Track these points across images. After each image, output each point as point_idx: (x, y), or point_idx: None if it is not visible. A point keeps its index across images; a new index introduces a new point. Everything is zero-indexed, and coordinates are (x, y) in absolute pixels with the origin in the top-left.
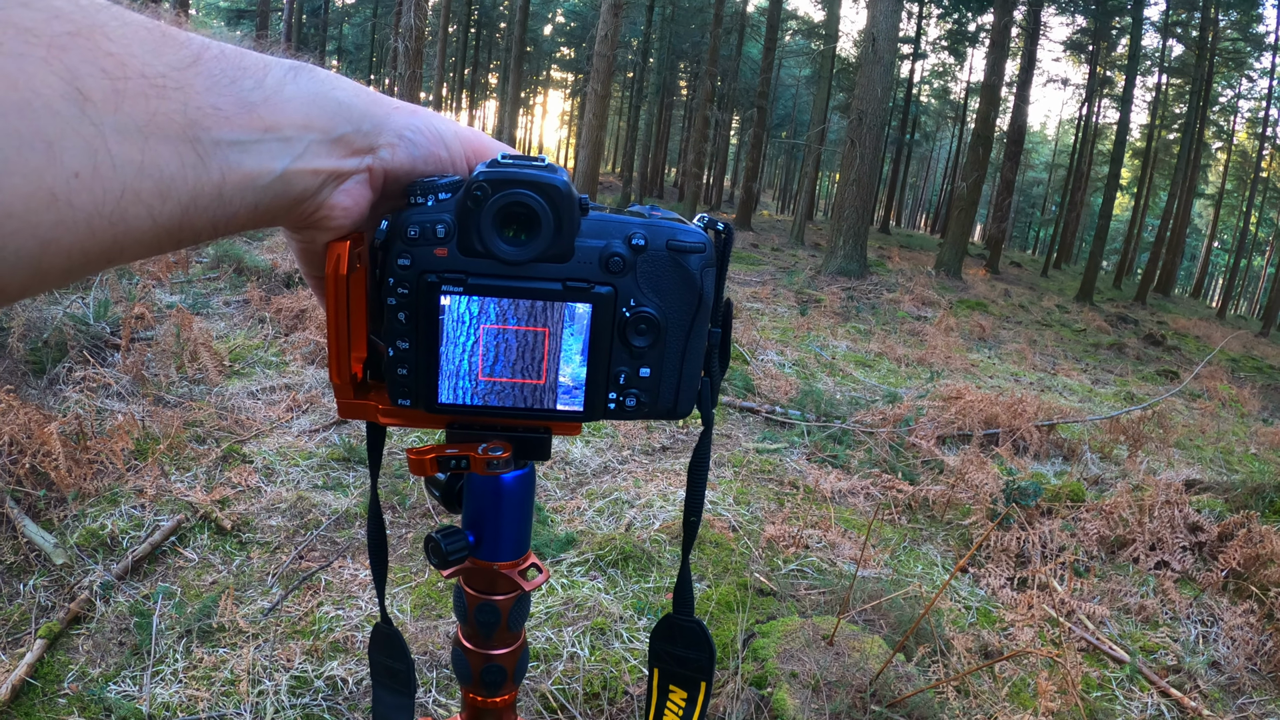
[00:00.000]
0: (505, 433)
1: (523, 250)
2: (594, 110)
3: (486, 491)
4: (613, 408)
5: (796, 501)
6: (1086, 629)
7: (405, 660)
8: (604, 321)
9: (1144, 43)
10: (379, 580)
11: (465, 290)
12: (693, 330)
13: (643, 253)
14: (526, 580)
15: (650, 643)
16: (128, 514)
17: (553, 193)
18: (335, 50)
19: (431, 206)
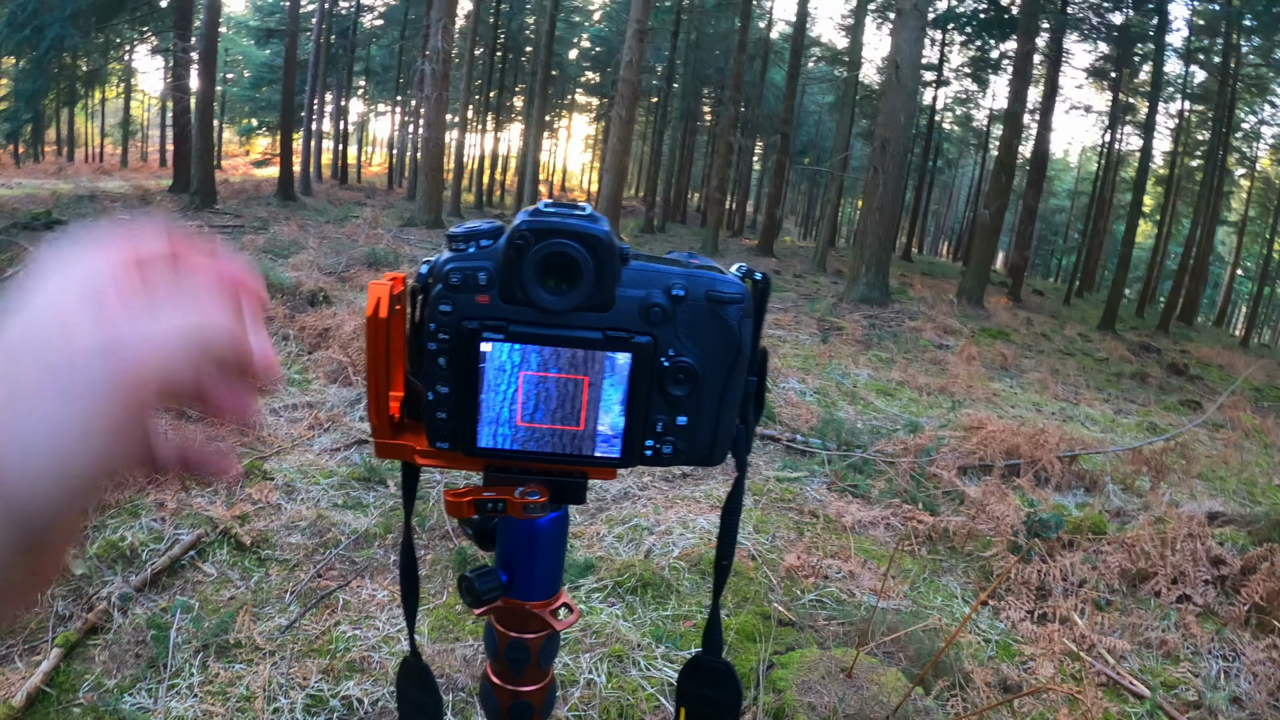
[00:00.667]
0: (542, 476)
1: (564, 299)
2: (618, 135)
3: (521, 533)
4: (649, 454)
5: (816, 531)
6: (1107, 663)
7: (434, 695)
8: (643, 371)
9: (1166, 69)
10: (410, 615)
11: (506, 337)
12: (730, 380)
13: (682, 303)
14: (558, 620)
15: (678, 681)
16: (148, 527)
17: (594, 243)
18: (363, 71)
19: (473, 253)
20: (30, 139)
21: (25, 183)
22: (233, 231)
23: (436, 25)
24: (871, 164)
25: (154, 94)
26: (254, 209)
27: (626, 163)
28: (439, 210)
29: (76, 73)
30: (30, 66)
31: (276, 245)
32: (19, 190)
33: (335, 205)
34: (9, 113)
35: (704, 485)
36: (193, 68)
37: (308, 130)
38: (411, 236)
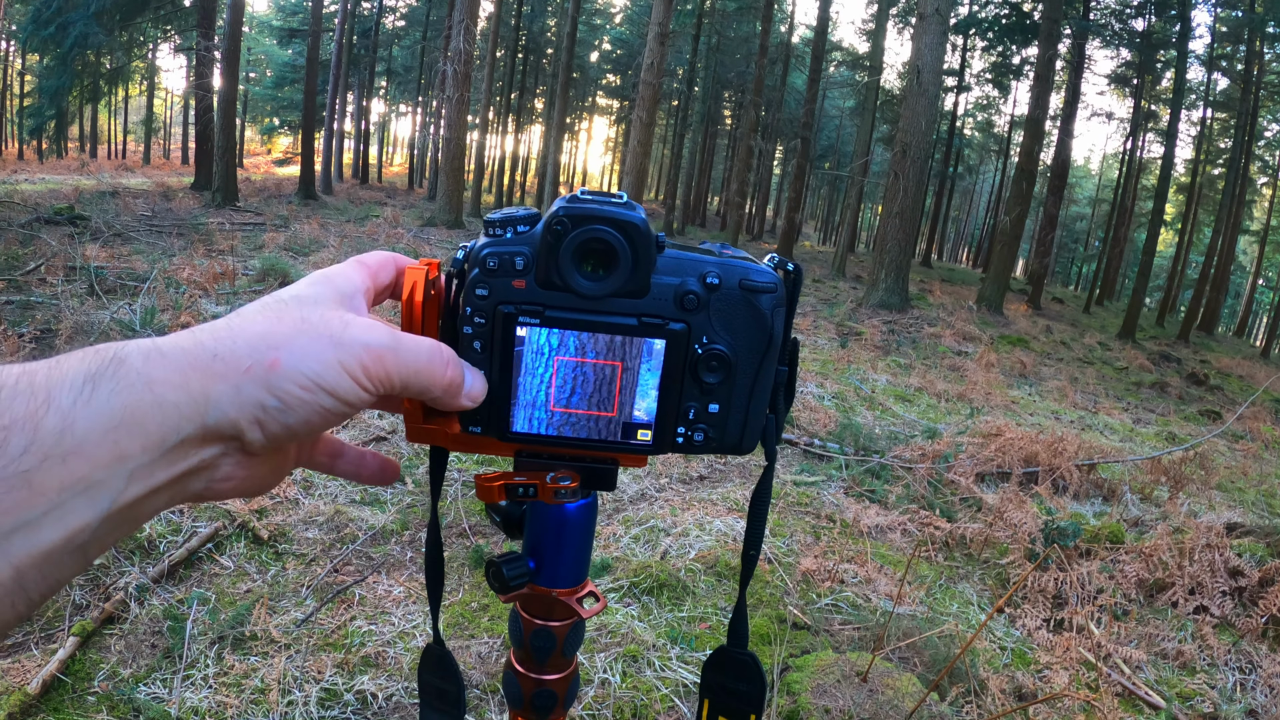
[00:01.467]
0: (573, 462)
1: (600, 285)
2: (639, 137)
3: (550, 519)
4: (681, 442)
5: (833, 535)
6: (1123, 673)
7: (456, 681)
8: (677, 357)
9: (1189, 76)
10: (434, 601)
11: (542, 322)
12: (761, 368)
13: (716, 291)
14: (584, 608)
15: (702, 673)
16: (166, 519)
17: (631, 230)
18: (385, 71)
19: (510, 239)
20: (54, 135)
21: (49, 178)
22: (254, 229)
23: (458, 27)
24: (892, 169)
25: (177, 92)
26: (275, 207)
27: (647, 165)
28: (459, 211)
29: (100, 70)
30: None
31: (297, 243)
32: (42, 185)
33: (356, 204)
34: (33, 109)
35: (721, 488)
36: (215, 66)
37: (329, 130)
38: (432, 236)
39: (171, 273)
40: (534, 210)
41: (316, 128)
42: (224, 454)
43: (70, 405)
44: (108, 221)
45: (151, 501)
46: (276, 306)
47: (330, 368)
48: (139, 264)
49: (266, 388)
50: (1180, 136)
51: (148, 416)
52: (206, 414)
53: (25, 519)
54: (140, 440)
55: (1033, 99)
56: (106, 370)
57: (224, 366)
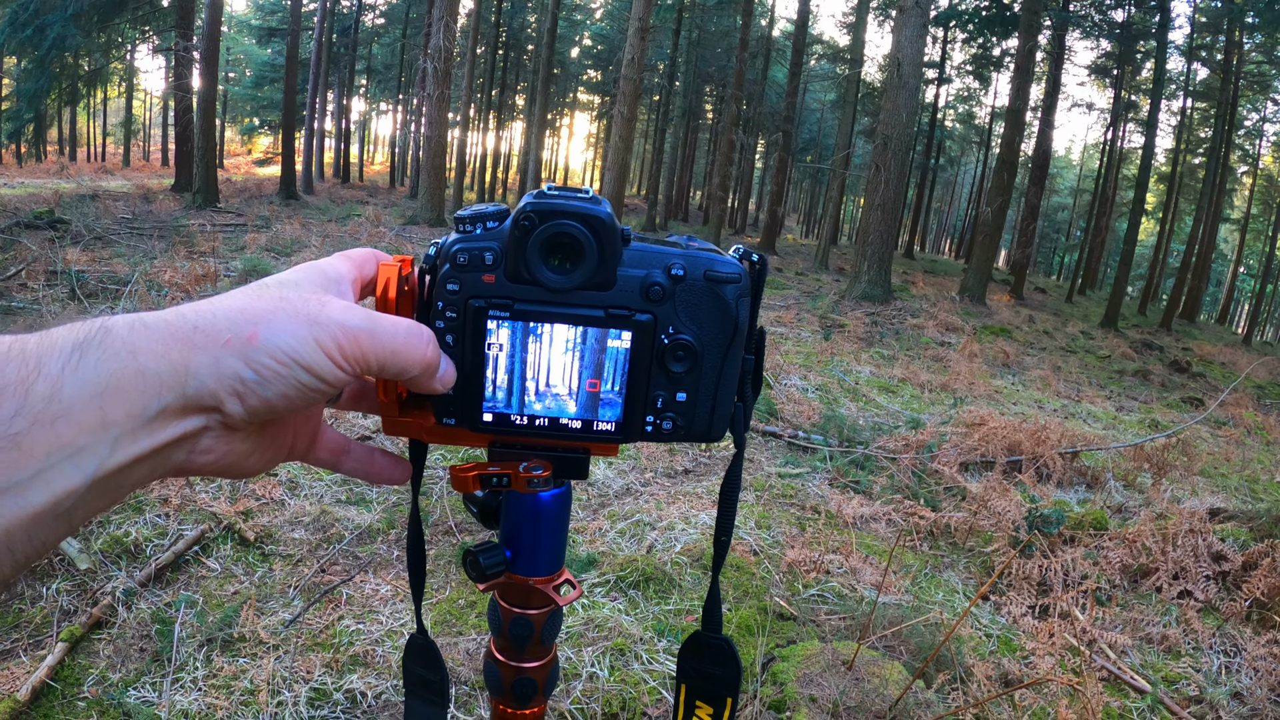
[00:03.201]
0: (546, 452)
1: (567, 278)
2: (620, 133)
3: (524, 509)
4: (650, 430)
5: (818, 526)
6: (1108, 658)
7: (440, 671)
8: (643, 348)
9: (1169, 67)
10: (416, 592)
11: (512, 315)
12: (727, 357)
13: (681, 282)
14: (560, 596)
15: (678, 659)
16: (152, 522)
17: (596, 224)
18: (364, 69)
19: (480, 234)
20: (32, 138)
21: (28, 182)
22: (235, 230)
23: (438, 23)
24: (874, 162)
25: (156, 93)
26: (256, 207)
27: (628, 161)
28: (441, 208)
29: (78, 72)
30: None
31: (279, 243)
32: (21, 190)
33: (337, 204)
34: (11, 112)
35: (705, 481)
36: (194, 67)
37: (309, 129)
38: (414, 234)
39: (153, 275)
40: (503, 206)
41: (297, 127)
42: (205, 427)
43: (59, 372)
44: (88, 225)
45: (135, 470)
46: (259, 287)
47: (306, 344)
48: (120, 267)
49: (244, 360)
50: (1161, 126)
51: (131, 384)
52: (187, 384)
53: (14, 480)
54: (124, 407)
55: (1013, 90)
56: (94, 339)
57: (204, 338)
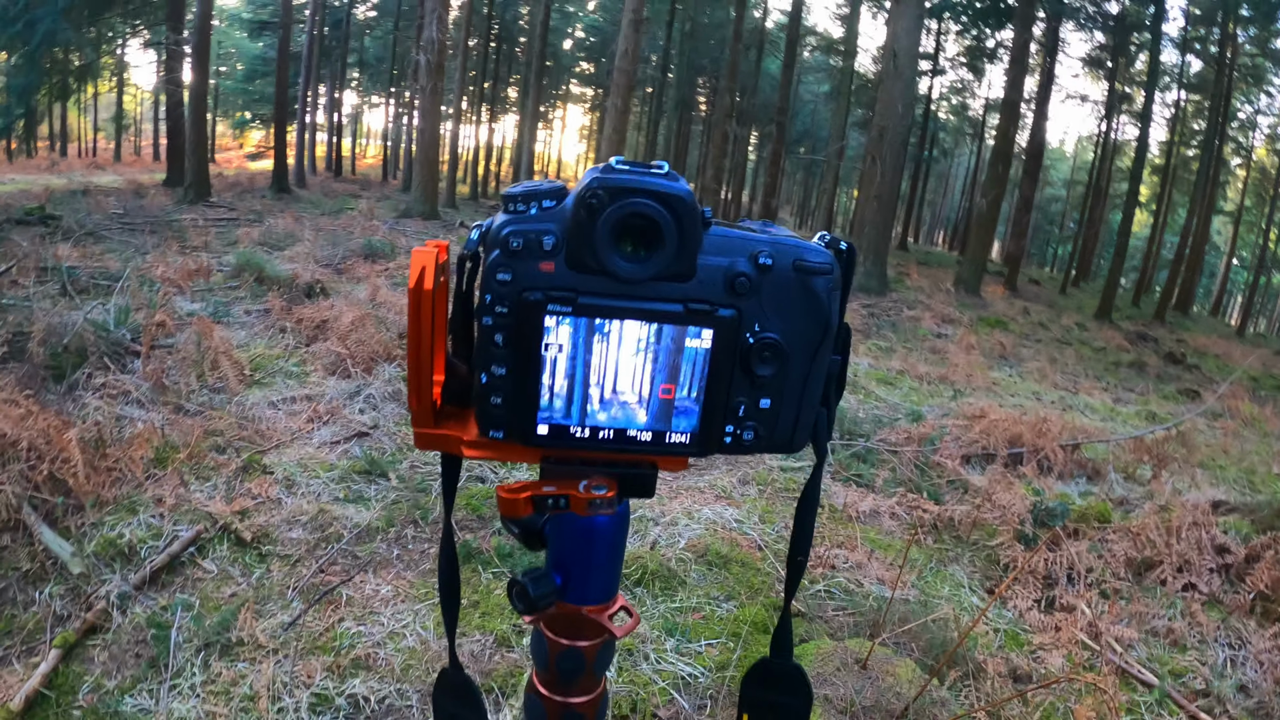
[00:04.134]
0: (608, 468)
1: (642, 267)
2: (613, 125)
3: (578, 531)
4: (729, 442)
5: (822, 521)
6: (1115, 652)
7: (479, 710)
8: (726, 348)
9: (1163, 59)
10: (450, 623)
11: (575, 311)
12: (816, 358)
13: (768, 273)
14: (616, 626)
15: (742, 688)
16: (146, 523)
17: (677, 204)
18: (356, 63)
19: (535, 215)
20: (23, 134)
21: (18, 178)
22: (228, 224)
23: (431, 16)
24: (869, 153)
25: (147, 88)
26: (249, 202)
27: (622, 152)
28: (434, 201)
29: (69, 67)
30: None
31: (272, 238)
32: (12, 186)
33: (330, 197)
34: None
35: (708, 475)
36: (185, 61)
37: (301, 123)
38: (407, 228)
39: (145, 271)
40: (560, 183)
41: (289, 121)
42: None
43: None
44: (79, 220)
45: None
46: None
47: None
48: (112, 263)
49: None
50: (1155, 118)
51: None
52: None
53: None
54: None
55: (1008, 82)
56: None
57: None
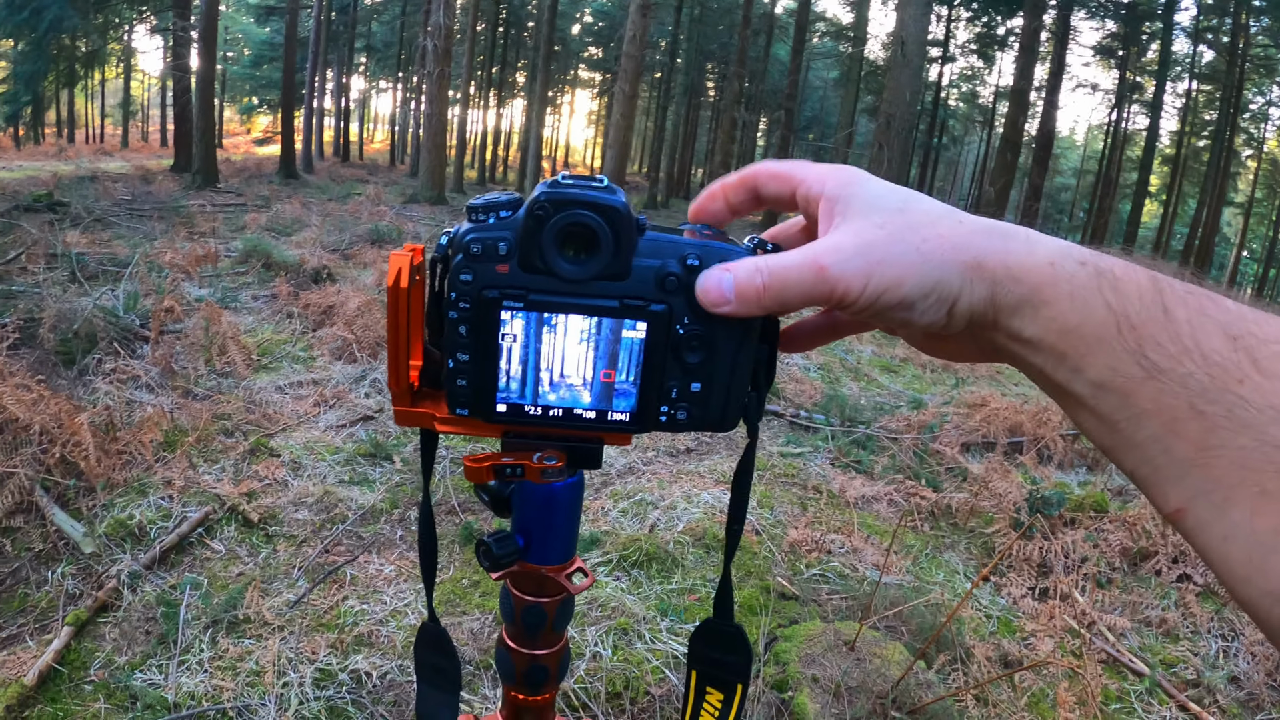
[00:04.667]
0: (559, 442)
1: (582, 269)
2: (621, 110)
3: (537, 498)
4: (664, 420)
5: (819, 506)
6: (1107, 640)
7: (452, 659)
8: (658, 338)
9: (1174, 48)
10: (428, 581)
11: (526, 306)
12: (741, 347)
13: (696, 272)
14: (573, 584)
15: (689, 646)
16: (156, 505)
17: (612, 214)
18: (364, 48)
19: (493, 224)
20: (30, 121)
21: (26, 165)
22: (235, 210)
23: (438, 1)
24: (876, 140)
25: (154, 74)
26: (256, 187)
27: (630, 138)
28: (442, 186)
29: (75, 54)
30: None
31: (279, 223)
32: (20, 173)
33: (337, 183)
34: (8, 95)
35: (708, 460)
36: (193, 46)
37: (309, 108)
38: (415, 213)
39: (153, 257)
40: (516, 195)
41: (296, 106)
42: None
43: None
44: (87, 207)
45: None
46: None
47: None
48: (120, 249)
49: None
50: (1165, 108)
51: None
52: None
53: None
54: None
55: (1018, 70)
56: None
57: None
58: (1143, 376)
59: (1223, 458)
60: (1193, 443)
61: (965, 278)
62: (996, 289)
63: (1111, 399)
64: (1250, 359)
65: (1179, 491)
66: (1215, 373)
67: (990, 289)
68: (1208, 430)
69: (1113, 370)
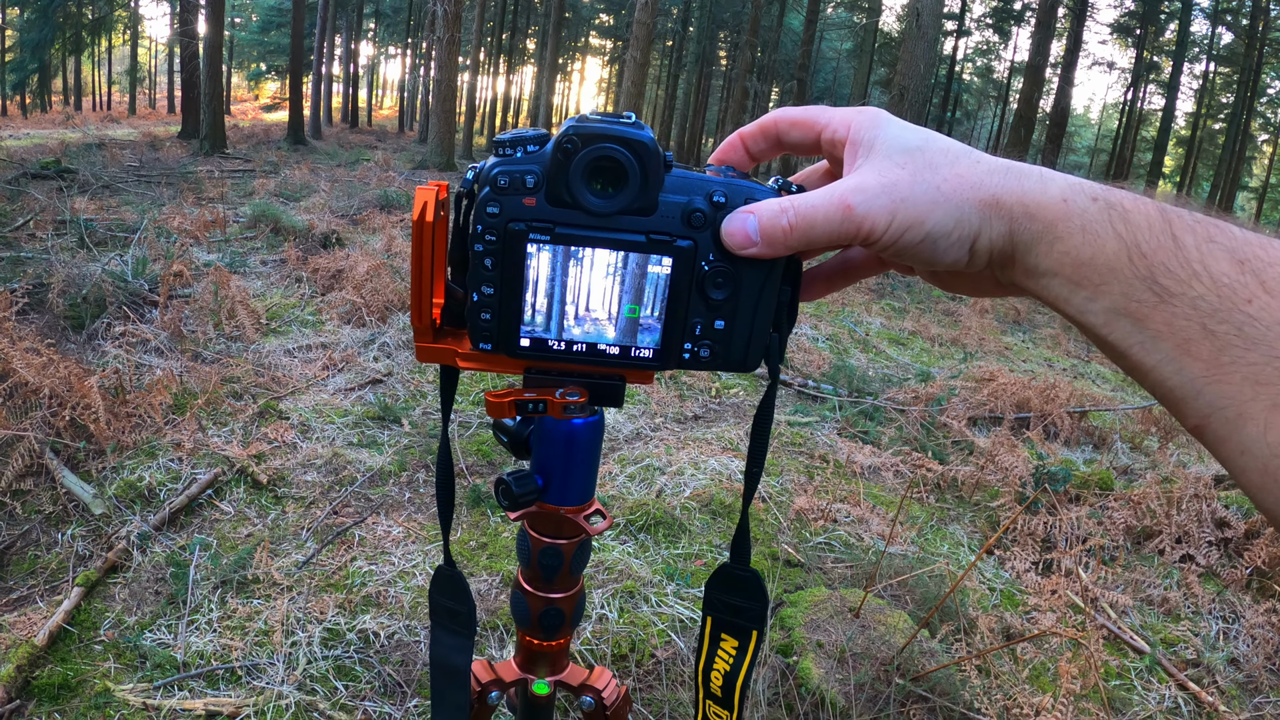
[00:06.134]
0: (582, 378)
1: (609, 202)
2: (632, 78)
3: (558, 437)
4: (687, 357)
5: (826, 475)
6: (1109, 617)
7: (467, 602)
8: (683, 274)
9: (1192, 29)
10: (445, 523)
11: (552, 239)
12: (765, 287)
13: (722, 209)
14: (591, 525)
15: (705, 591)
16: (165, 467)
17: (640, 148)
18: (372, 13)
19: (520, 158)
20: (37, 89)
21: (33, 133)
22: (243, 176)
23: None
24: None
25: (161, 40)
26: (264, 153)
27: (641, 106)
28: (451, 153)
29: (82, 21)
30: (35, 16)
31: (288, 189)
32: (27, 140)
33: (346, 149)
34: (15, 63)
35: (715, 427)
36: (200, 12)
37: (317, 74)
38: (424, 178)
39: (162, 222)
40: (543, 130)
41: (304, 72)
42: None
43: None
44: (95, 173)
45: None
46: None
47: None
48: (128, 215)
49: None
50: (1182, 89)
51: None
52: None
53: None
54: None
55: (1033, 45)
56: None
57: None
58: (1155, 302)
59: (1235, 374)
60: (1205, 361)
61: (984, 215)
62: (1014, 225)
63: (1125, 324)
64: (1258, 280)
65: (1196, 409)
66: (1224, 294)
67: (1008, 225)
68: (1219, 349)
69: (1125, 297)
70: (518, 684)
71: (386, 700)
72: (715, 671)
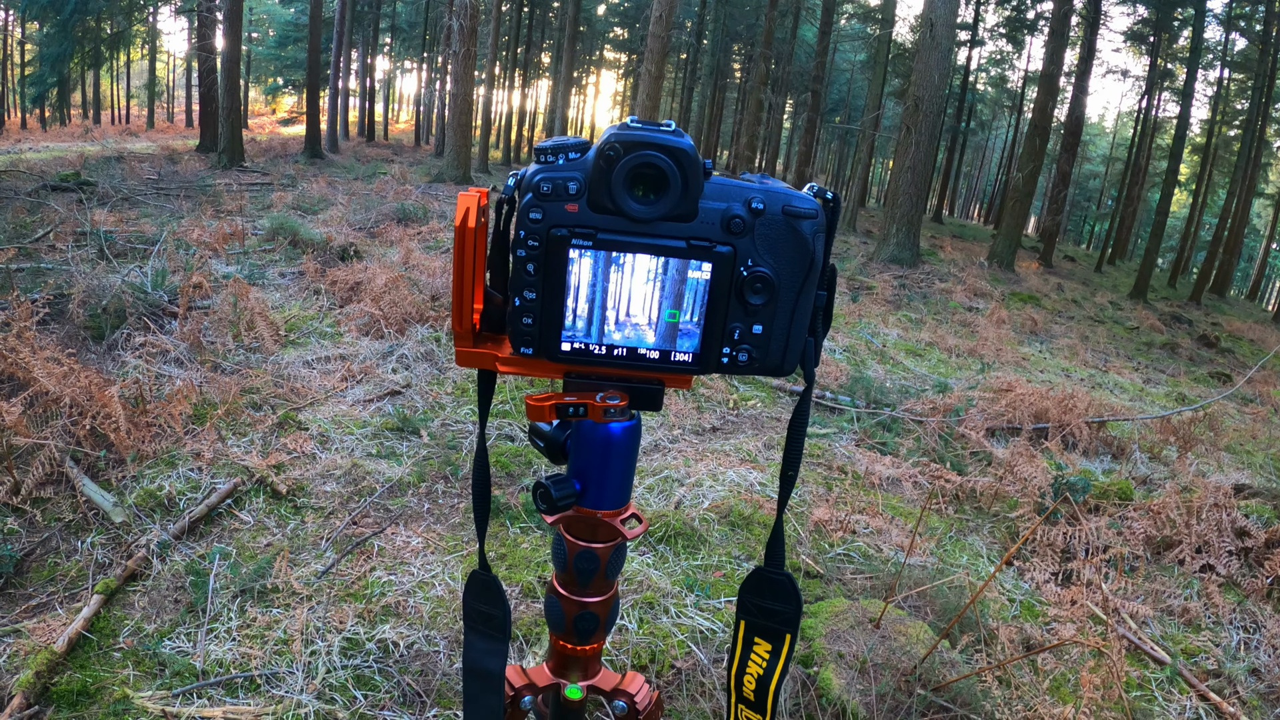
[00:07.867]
0: (621, 383)
1: (651, 209)
2: (647, 91)
3: (596, 440)
4: (725, 362)
5: (845, 487)
6: (1129, 628)
7: (501, 606)
8: (723, 279)
9: (1206, 35)
10: (480, 527)
11: (595, 245)
12: (803, 291)
13: (761, 216)
14: (628, 529)
15: (739, 594)
16: (185, 476)
17: (681, 156)
18: (389, 28)
19: (562, 165)
20: (56, 102)
21: (53, 146)
22: (261, 189)
23: None
24: (904, 123)
25: (179, 54)
26: (281, 166)
27: (656, 119)
28: (467, 166)
29: (101, 35)
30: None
31: (305, 202)
32: (47, 153)
33: (363, 162)
34: (35, 77)
35: (734, 439)
36: (218, 27)
37: (334, 88)
38: (440, 192)
39: (181, 234)
40: (584, 139)
41: (321, 86)
42: None
43: None
44: (114, 186)
45: None
46: None
47: None
48: (148, 227)
49: None
50: (1196, 96)
51: None
52: None
53: None
54: None
55: (1047, 54)
56: None
57: None
58: None
59: None
60: None
61: None
62: None
63: None
64: None
65: None
66: None
67: None
68: None
69: None
70: (550, 689)
71: (406, 710)
72: (748, 675)
